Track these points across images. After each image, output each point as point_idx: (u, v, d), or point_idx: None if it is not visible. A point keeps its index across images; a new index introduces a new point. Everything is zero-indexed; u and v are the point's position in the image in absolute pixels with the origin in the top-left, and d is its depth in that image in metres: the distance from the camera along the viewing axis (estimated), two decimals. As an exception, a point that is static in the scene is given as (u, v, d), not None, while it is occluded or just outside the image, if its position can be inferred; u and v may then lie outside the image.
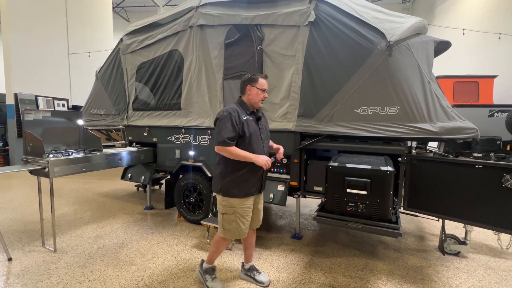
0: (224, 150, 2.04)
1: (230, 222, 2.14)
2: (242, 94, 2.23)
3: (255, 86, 2.16)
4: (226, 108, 2.12)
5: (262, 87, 2.18)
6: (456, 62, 8.51)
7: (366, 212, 2.23)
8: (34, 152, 2.91)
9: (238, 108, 2.14)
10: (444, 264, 2.75)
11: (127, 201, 4.74)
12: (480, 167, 2.28)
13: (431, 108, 2.41)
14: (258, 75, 2.19)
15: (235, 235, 2.17)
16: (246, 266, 2.46)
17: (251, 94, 2.17)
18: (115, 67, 4.37)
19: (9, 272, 2.49)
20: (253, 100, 2.17)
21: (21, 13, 7.78)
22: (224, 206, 2.15)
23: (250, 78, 2.18)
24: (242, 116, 2.10)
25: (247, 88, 2.17)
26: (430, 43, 2.62)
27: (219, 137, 2.02)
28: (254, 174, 2.14)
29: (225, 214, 2.15)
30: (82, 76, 9.48)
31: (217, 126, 2.08)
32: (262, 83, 2.18)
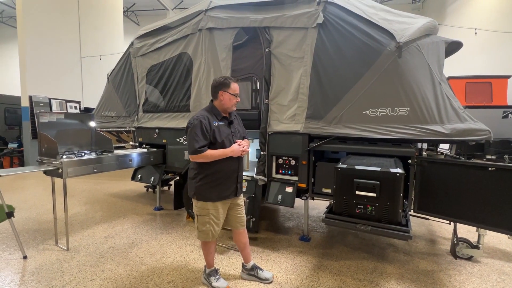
0: (199, 157, 2.06)
1: (204, 224, 2.19)
2: (214, 99, 2.22)
3: (227, 91, 2.16)
4: (196, 116, 2.11)
5: (235, 92, 2.18)
6: (468, 62, 8.33)
7: (376, 214, 2.21)
8: (49, 153, 3.00)
9: (209, 115, 2.14)
10: (456, 269, 2.69)
11: (137, 201, 4.82)
12: (493, 170, 2.23)
13: (442, 110, 2.37)
14: (230, 80, 2.18)
15: (209, 236, 2.21)
16: (247, 266, 2.47)
17: (223, 99, 2.17)
18: (126, 70, 4.46)
19: (25, 270, 2.56)
20: (225, 105, 2.18)
21: (35, 19, 8.03)
22: (198, 208, 2.19)
23: (222, 82, 2.17)
24: (213, 123, 2.11)
25: (219, 93, 2.17)
26: (441, 43, 2.58)
27: (191, 147, 2.04)
28: (228, 177, 2.19)
29: (199, 216, 2.20)
30: (94, 79, 9.70)
31: (188, 134, 2.09)
32: (234, 88, 2.18)
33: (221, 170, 2.14)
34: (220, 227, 2.27)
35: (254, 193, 3.26)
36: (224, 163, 2.14)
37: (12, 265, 2.65)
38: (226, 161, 2.14)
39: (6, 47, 17.94)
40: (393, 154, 2.59)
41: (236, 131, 2.28)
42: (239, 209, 2.36)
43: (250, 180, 3.33)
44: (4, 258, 2.77)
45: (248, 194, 3.25)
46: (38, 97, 7.85)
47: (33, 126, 7.77)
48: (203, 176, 2.14)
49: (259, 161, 3.21)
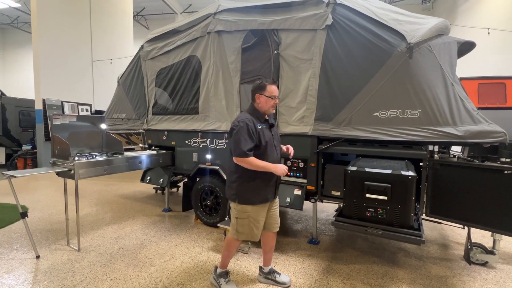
0: (244, 161, 2.04)
1: (243, 226, 2.18)
2: (253, 101, 2.22)
3: (263, 94, 2.14)
4: (241, 118, 2.10)
5: (272, 95, 2.14)
6: (481, 63, 8.15)
7: (387, 218, 2.17)
8: (61, 155, 3.06)
9: (253, 117, 2.13)
10: (470, 275, 2.62)
11: (146, 203, 4.87)
12: (509, 173, 2.16)
13: (454, 111, 2.32)
14: (266, 82, 2.16)
15: (248, 237, 2.20)
16: (265, 269, 2.47)
17: (260, 102, 2.16)
18: (136, 73, 4.53)
19: (37, 269, 2.62)
20: (263, 108, 2.17)
21: (49, 24, 8.25)
22: (238, 211, 2.18)
23: (258, 85, 2.16)
24: (257, 126, 2.10)
25: (256, 97, 2.17)
26: (453, 44, 2.54)
27: (238, 149, 2.02)
28: (268, 181, 2.17)
29: (239, 219, 2.18)
30: (105, 82, 9.90)
31: (234, 136, 2.07)
32: (271, 90, 2.14)
33: (263, 173, 2.11)
34: (261, 230, 2.24)
35: (262, 195, 3.25)
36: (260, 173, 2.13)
37: (26, 264, 2.71)
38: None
39: (20, 51, 18.51)
40: (404, 156, 2.55)
41: (276, 134, 2.28)
42: (275, 211, 2.35)
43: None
44: (18, 258, 2.83)
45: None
46: (51, 100, 8.05)
47: (46, 128, 7.97)
48: (245, 179, 2.12)
49: (267, 163, 3.20)
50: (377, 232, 2.18)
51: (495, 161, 2.74)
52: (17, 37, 18.39)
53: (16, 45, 18.66)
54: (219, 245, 3.16)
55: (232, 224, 2.24)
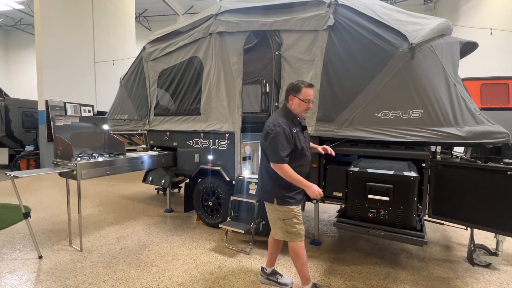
0: (280, 168, 2.00)
1: (293, 226, 2.12)
2: (286, 102, 2.17)
3: (297, 96, 2.07)
4: (277, 122, 2.03)
5: (306, 98, 2.07)
6: (484, 63, 8.11)
7: (389, 219, 2.17)
8: (64, 155, 3.08)
9: (288, 120, 2.08)
10: (474, 276, 2.60)
11: (148, 203, 4.88)
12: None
13: (457, 112, 2.32)
14: (302, 84, 2.07)
15: (301, 235, 2.14)
16: (267, 270, 2.44)
17: (293, 104, 2.10)
18: (138, 74, 4.55)
19: (40, 269, 2.63)
20: (295, 110, 2.11)
21: (52, 26, 8.31)
22: (284, 212, 2.11)
23: (293, 86, 2.09)
24: (293, 129, 2.05)
25: (290, 98, 2.11)
26: (455, 44, 2.53)
27: (276, 155, 1.98)
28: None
29: (286, 220, 2.12)
30: (107, 83, 9.94)
31: (271, 141, 2.01)
32: (306, 93, 2.06)
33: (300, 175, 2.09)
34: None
35: (264, 196, 3.25)
36: (302, 169, 2.12)
37: (28, 264, 2.72)
38: (302, 167, 2.12)
39: (24, 53, 18.65)
40: (406, 157, 2.54)
41: (307, 136, 2.24)
42: None
43: (260, 183, 3.32)
44: (21, 258, 2.84)
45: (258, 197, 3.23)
46: (53, 101, 8.10)
47: (48, 129, 8.02)
48: (284, 182, 2.07)
49: (269, 164, 3.20)
50: (379, 233, 2.18)
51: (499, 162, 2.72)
52: (20, 38, 18.53)
53: (19, 47, 18.81)
54: (221, 246, 3.16)
55: (280, 229, 2.14)
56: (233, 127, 3.48)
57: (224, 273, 2.60)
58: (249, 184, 3.40)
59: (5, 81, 18.02)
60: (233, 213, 3.36)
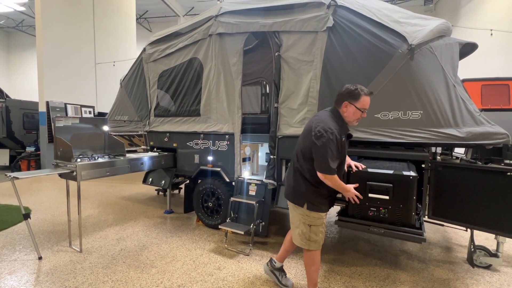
0: (328, 178, 1.91)
1: (317, 234, 2.05)
2: (337, 106, 2.00)
3: (353, 104, 1.91)
4: (330, 127, 1.86)
5: (363, 107, 1.92)
6: (484, 64, 8.11)
7: (389, 217, 2.18)
8: (64, 156, 3.08)
9: (338, 126, 1.93)
10: (474, 278, 2.59)
11: (148, 204, 4.88)
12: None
13: (456, 113, 2.31)
14: (361, 91, 1.90)
15: (320, 244, 2.08)
16: (276, 264, 2.40)
17: (346, 111, 1.95)
18: (138, 75, 4.56)
19: (39, 270, 2.63)
20: (347, 118, 1.97)
21: (53, 27, 8.34)
22: (312, 218, 2.03)
23: (351, 92, 1.91)
24: (342, 138, 1.94)
25: (344, 104, 1.95)
26: (455, 45, 2.53)
27: (326, 165, 1.85)
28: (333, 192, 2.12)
29: (313, 226, 2.03)
30: (107, 84, 9.96)
31: (321, 147, 1.85)
32: (364, 102, 1.91)
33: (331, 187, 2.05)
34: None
35: (264, 197, 3.26)
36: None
37: (28, 265, 2.72)
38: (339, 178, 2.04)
39: (25, 54, 18.72)
40: (406, 158, 2.53)
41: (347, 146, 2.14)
42: None
43: (259, 184, 3.33)
44: (21, 259, 2.85)
45: (258, 198, 3.24)
46: (54, 102, 8.12)
47: (49, 130, 8.03)
48: (319, 188, 2.01)
49: (268, 165, 3.20)
50: (380, 231, 2.18)
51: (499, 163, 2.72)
52: (21, 40, 18.61)
53: (20, 48, 18.88)
54: (220, 247, 3.16)
55: (302, 233, 2.06)
56: (232, 128, 3.49)
57: (224, 274, 2.60)
58: (249, 185, 3.40)
59: (7, 83, 18.08)
60: (233, 214, 3.36)
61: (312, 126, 1.95)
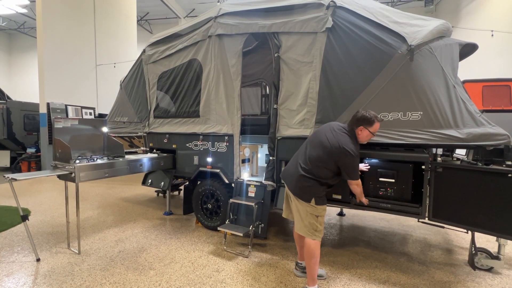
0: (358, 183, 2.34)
1: (322, 223, 2.32)
2: (354, 127, 2.29)
3: (368, 129, 2.25)
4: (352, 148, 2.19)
5: (374, 132, 2.27)
6: (485, 65, 8.08)
7: (394, 195, 2.61)
8: (62, 158, 3.08)
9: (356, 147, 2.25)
10: (475, 280, 2.56)
11: (147, 206, 4.87)
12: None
13: (457, 114, 2.29)
14: (376, 118, 2.24)
15: (322, 234, 2.35)
16: (302, 264, 2.56)
17: (361, 134, 2.27)
18: (138, 77, 4.56)
19: (37, 272, 2.61)
20: (360, 139, 2.30)
21: (54, 29, 8.37)
22: (320, 210, 2.31)
23: (367, 118, 2.23)
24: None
25: (359, 128, 2.26)
26: (455, 46, 2.51)
27: (356, 175, 2.28)
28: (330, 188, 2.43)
29: (319, 217, 2.31)
30: (108, 86, 9.97)
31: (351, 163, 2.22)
32: (376, 128, 2.26)
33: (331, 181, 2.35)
34: None
35: (263, 198, 3.24)
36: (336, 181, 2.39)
37: (26, 267, 2.71)
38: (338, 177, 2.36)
39: (26, 56, 18.80)
40: (406, 159, 2.52)
41: None
42: None
43: (259, 185, 3.31)
44: (19, 260, 2.84)
45: (257, 200, 3.22)
46: (55, 104, 8.13)
47: (50, 131, 8.03)
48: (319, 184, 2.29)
49: (268, 166, 3.19)
50: (387, 206, 2.61)
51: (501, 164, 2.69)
52: (23, 42, 18.70)
53: (22, 50, 18.97)
54: (219, 249, 3.14)
55: (310, 224, 2.29)
56: (232, 129, 3.48)
57: (222, 276, 2.58)
58: (248, 187, 3.39)
59: (8, 84, 18.14)
60: (232, 215, 3.34)
61: (332, 143, 2.23)
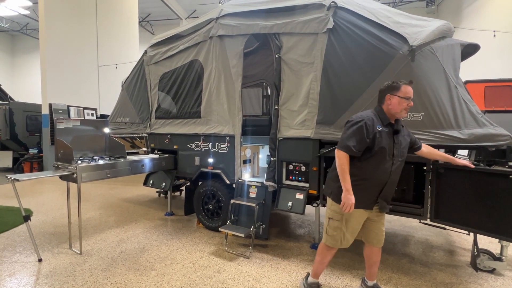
0: (340, 156, 1.92)
1: (335, 229, 2.05)
2: (381, 103, 2.02)
3: (396, 94, 1.93)
4: (361, 114, 1.97)
5: (406, 95, 1.92)
6: (487, 65, 8.05)
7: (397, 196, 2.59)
8: (64, 158, 3.09)
9: (375, 117, 1.96)
10: (477, 282, 2.55)
11: (149, 206, 4.88)
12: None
13: (458, 114, 2.29)
14: (400, 82, 1.96)
15: (338, 243, 2.06)
16: (369, 283, 2.32)
17: (391, 103, 1.95)
18: (140, 78, 4.57)
19: (39, 273, 2.62)
20: (393, 110, 1.95)
21: (56, 30, 8.41)
22: (332, 210, 2.06)
23: (390, 86, 1.97)
24: (377, 126, 1.92)
25: (387, 98, 1.97)
26: (456, 46, 2.50)
27: (345, 141, 1.91)
28: (372, 187, 1.98)
29: (331, 219, 2.07)
30: (110, 87, 10.02)
31: (347, 129, 1.95)
32: (406, 91, 1.93)
33: (368, 178, 1.95)
34: (354, 237, 2.09)
35: (264, 199, 3.24)
36: (374, 173, 1.94)
37: (28, 267, 2.72)
38: (377, 171, 1.94)
39: (29, 57, 18.92)
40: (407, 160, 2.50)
41: (400, 143, 1.99)
42: (378, 225, 2.13)
43: (260, 186, 3.31)
44: (21, 261, 2.85)
45: (258, 201, 3.22)
46: (57, 105, 8.17)
47: (52, 132, 8.07)
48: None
49: (269, 167, 3.19)
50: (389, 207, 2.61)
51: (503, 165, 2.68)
52: (26, 43, 18.82)
53: (24, 51, 19.09)
54: (220, 250, 3.14)
55: (324, 226, 2.14)
56: (233, 130, 3.48)
57: (223, 277, 2.58)
58: (249, 188, 3.39)
59: (11, 85, 18.25)
60: (233, 216, 3.34)
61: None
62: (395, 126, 1.99)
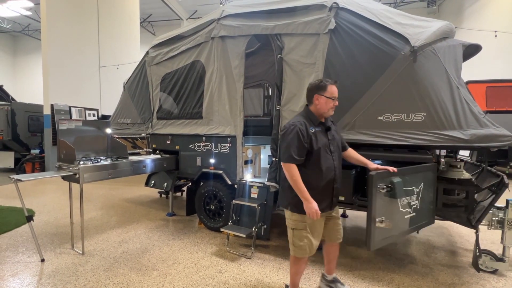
0: (286, 167, 1.94)
1: (301, 239, 2.02)
2: (309, 104, 2.09)
3: (323, 94, 2.00)
4: (293, 121, 2.01)
5: (332, 95, 2.01)
6: (489, 66, 8.04)
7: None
8: (67, 159, 3.10)
9: (305, 120, 2.01)
10: (479, 283, 2.54)
11: (150, 207, 4.89)
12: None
13: (460, 115, 2.29)
14: (326, 81, 2.02)
15: (306, 252, 2.03)
16: (328, 277, 2.36)
17: (319, 103, 2.02)
18: (141, 78, 4.59)
19: (42, 273, 2.63)
20: (321, 110, 2.03)
21: (58, 31, 8.45)
22: (294, 221, 2.04)
23: (317, 85, 2.03)
24: (310, 129, 1.98)
25: (315, 98, 2.03)
26: (458, 47, 2.51)
27: (286, 153, 1.94)
28: (324, 189, 2.02)
29: (295, 230, 2.04)
30: (111, 87, 10.04)
31: (283, 140, 2.00)
32: (331, 90, 2.01)
33: (319, 180, 1.98)
34: (319, 241, 2.09)
35: (266, 200, 3.24)
36: (322, 173, 1.98)
37: (31, 267, 2.73)
38: (324, 170, 1.98)
39: (31, 58, 19.00)
40: (409, 161, 2.51)
41: (334, 138, 2.09)
42: (336, 221, 2.21)
43: (261, 187, 3.31)
44: (23, 261, 2.86)
45: (260, 201, 3.22)
46: (59, 105, 8.19)
47: (54, 133, 8.10)
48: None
49: (270, 167, 3.19)
50: None
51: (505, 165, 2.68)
52: (28, 44, 18.90)
53: (26, 52, 19.17)
54: (222, 250, 3.14)
55: (289, 238, 2.08)
56: (234, 131, 3.48)
57: (225, 277, 2.58)
58: (251, 188, 3.39)
59: (13, 86, 18.32)
60: (235, 217, 3.35)
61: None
62: (326, 123, 2.10)
